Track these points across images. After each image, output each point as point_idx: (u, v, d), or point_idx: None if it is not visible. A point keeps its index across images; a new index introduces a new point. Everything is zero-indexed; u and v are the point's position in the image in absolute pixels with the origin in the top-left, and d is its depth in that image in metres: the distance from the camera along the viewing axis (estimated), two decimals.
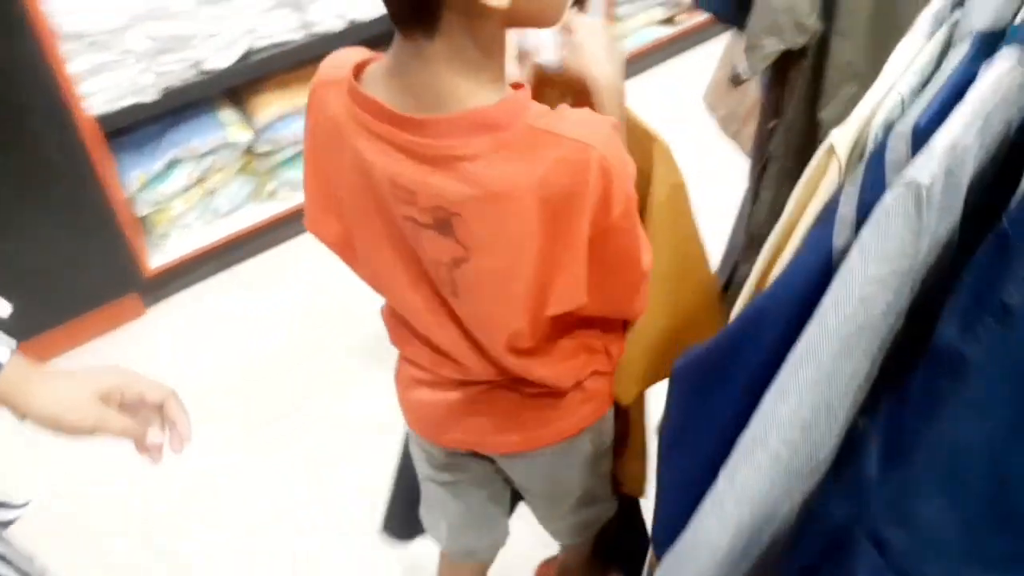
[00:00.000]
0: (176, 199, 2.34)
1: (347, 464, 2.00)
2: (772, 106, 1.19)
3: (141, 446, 0.91)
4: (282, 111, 2.37)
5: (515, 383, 1.07)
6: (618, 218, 0.88)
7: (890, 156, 0.50)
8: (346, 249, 1.03)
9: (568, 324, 1.02)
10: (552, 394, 1.09)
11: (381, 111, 0.84)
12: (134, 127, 2.25)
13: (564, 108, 0.87)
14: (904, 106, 0.53)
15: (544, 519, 1.37)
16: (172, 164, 2.29)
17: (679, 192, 1.08)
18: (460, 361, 1.04)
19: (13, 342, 0.84)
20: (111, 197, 2.18)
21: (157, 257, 2.36)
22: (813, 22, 1.05)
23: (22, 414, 0.83)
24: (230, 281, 2.49)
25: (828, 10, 1.06)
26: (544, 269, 0.90)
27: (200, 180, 2.36)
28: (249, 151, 2.41)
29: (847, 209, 0.51)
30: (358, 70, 0.89)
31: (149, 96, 2.14)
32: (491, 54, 0.84)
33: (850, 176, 0.53)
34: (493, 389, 1.08)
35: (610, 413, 1.21)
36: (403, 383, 1.18)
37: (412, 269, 0.97)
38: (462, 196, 0.83)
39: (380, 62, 0.89)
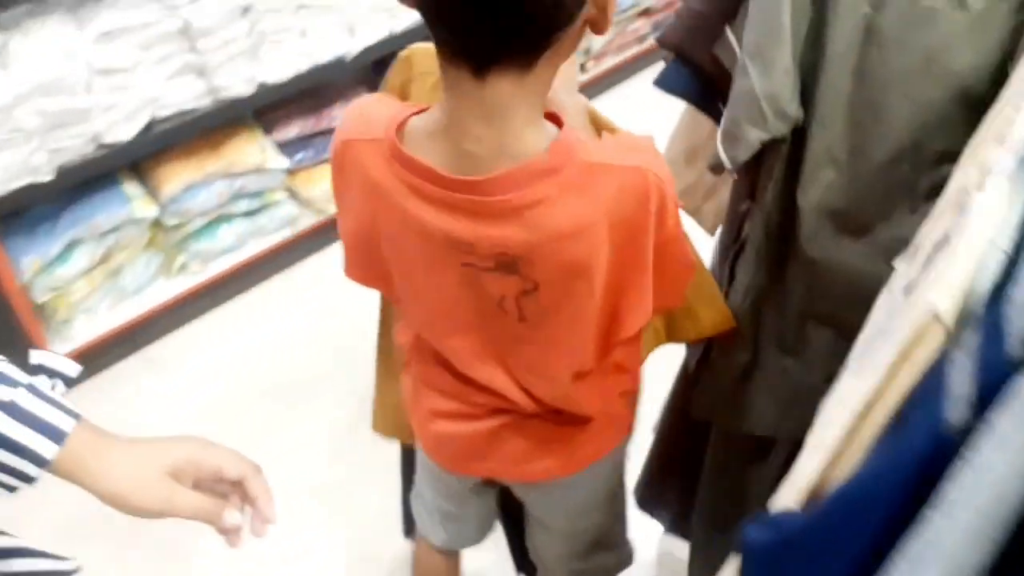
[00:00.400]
0: (78, 282, 2.15)
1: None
2: (746, 189, 1.16)
3: (218, 528, 0.80)
4: (189, 181, 2.23)
5: (548, 411, 1.06)
6: (673, 227, 0.92)
7: (1009, 329, 0.47)
8: (388, 289, 1.03)
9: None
10: (581, 419, 1.09)
11: (434, 176, 0.83)
12: (27, 208, 2.07)
13: (605, 136, 0.91)
14: (1010, 264, 0.50)
15: (556, 558, 1.34)
16: (72, 245, 2.11)
17: None
18: (498, 394, 1.03)
19: (78, 413, 0.74)
20: (2, 286, 1.99)
21: (59, 345, 2.17)
22: (795, 109, 1.03)
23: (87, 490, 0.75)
24: (141, 363, 2.32)
25: (806, 97, 1.04)
26: (615, 293, 0.92)
27: (103, 259, 2.19)
28: (156, 224, 2.26)
29: (962, 385, 0.47)
30: (398, 128, 0.86)
31: (43, 175, 1.96)
32: (546, 94, 0.84)
33: (956, 346, 0.49)
34: (525, 416, 1.07)
35: (627, 444, 1.22)
36: (423, 416, 1.15)
37: (461, 317, 0.96)
38: (528, 242, 0.84)
39: (422, 117, 0.87)
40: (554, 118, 0.86)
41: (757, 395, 1.28)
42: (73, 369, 0.82)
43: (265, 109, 2.37)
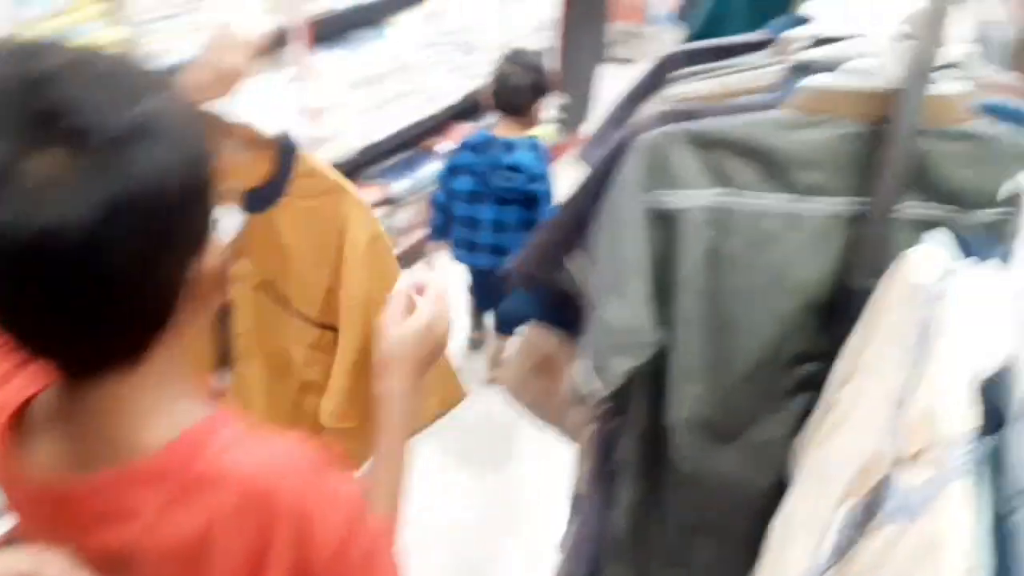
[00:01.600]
0: None
1: None
2: (613, 407, 1.13)
3: None
4: None
5: None
6: (330, 562, 0.74)
7: None
8: None
9: None
10: None
11: (32, 480, 0.73)
12: None
13: (266, 437, 0.74)
14: None
15: None
16: None
17: (380, 243, 1.16)
18: None
19: None
20: None
21: None
22: (655, 335, 1.02)
23: None
24: None
25: (662, 318, 1.03)
26: None
27: None
28: None
29: None
30: (17, 412, 0.75)
31: None
32: (187, 374, 0.74)
33: None
34: None
35: None
36: None
37: None
38: (129, 553, 0.71)
39: (48, 394, 0.75)
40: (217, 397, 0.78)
41: None
42: None
43: None
